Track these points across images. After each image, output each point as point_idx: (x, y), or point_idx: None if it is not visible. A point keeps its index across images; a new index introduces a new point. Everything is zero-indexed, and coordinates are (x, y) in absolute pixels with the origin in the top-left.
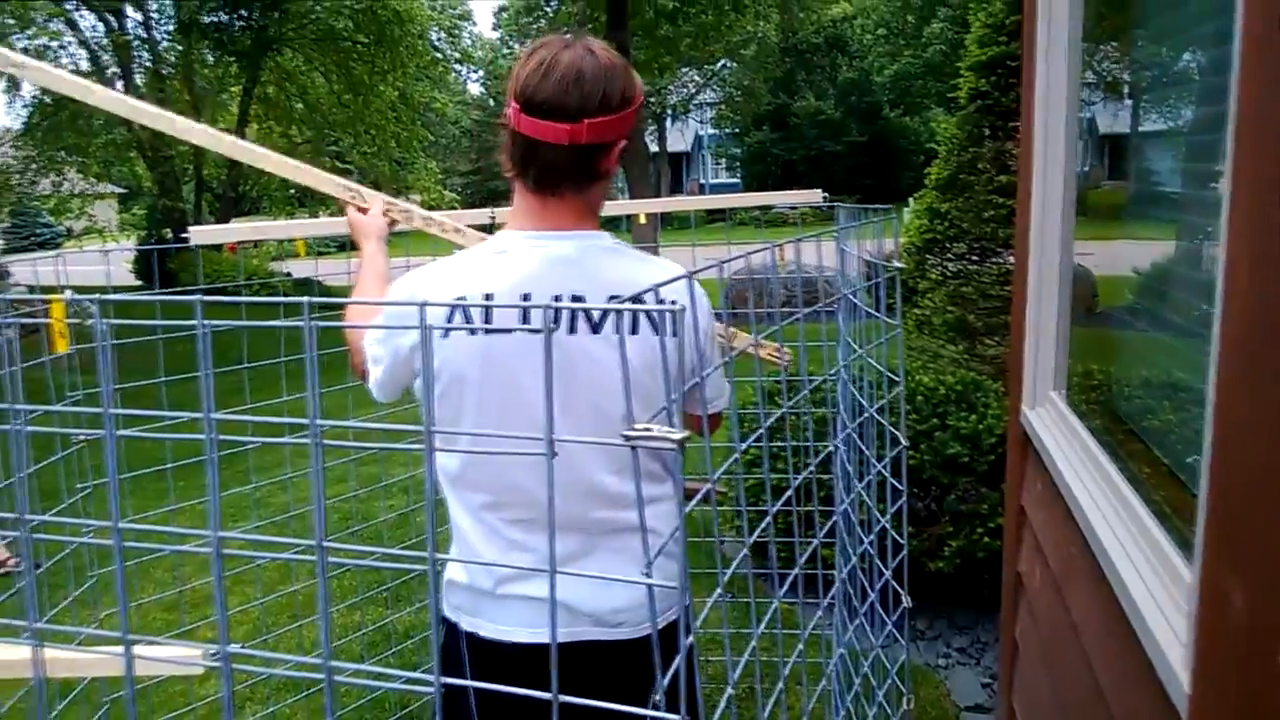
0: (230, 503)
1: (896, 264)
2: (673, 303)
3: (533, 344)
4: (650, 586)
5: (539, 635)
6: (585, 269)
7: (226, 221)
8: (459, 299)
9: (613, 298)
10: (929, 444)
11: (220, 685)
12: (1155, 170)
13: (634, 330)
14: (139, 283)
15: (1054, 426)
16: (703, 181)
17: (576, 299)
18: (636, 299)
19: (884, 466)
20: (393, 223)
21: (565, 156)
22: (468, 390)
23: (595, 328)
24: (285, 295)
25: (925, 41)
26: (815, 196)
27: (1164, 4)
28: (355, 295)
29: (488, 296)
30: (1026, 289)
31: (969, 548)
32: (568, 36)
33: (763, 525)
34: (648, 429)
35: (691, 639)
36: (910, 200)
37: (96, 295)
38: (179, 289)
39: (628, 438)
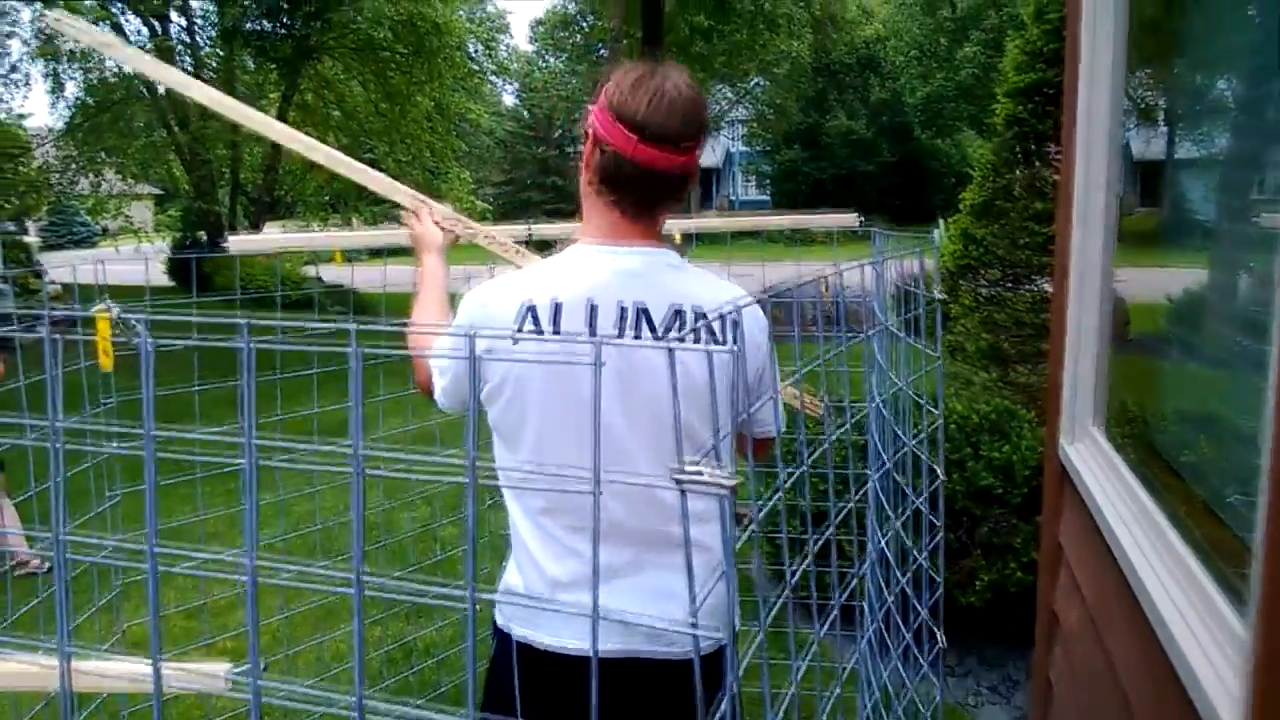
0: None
1: (937, 293)
2: (732, 316)
3: (601, 355)
4: (695, 609)
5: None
6: (650, 282)
7: (260, 225)
8: (530, 308)
9: (676, 310)
10: (961, 474)
11: (236, 700)
12: (1193, 197)
13: (694, 339)
14: (172, 283)
15: (1093, 462)
16: (732, 198)
17: (640, 310)
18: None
19: (921, 500)
20: (454, 238)
21: (672, 182)
22: (531, 394)
23: (658, 337)
24: (318, 302)
25: (958, 64)
26: (851, 219)
27: (1206, 33)
28: (416, 308)
29: (555, 304)
30: (1065, 321)
31: (1001, 581)
32: (655, 65)
33: (808, 556)
34: (698, 470)
35: (735, 677)
36: (940, 220)
37: (141, 313)
38: (216, 293)
39: (678, 480)
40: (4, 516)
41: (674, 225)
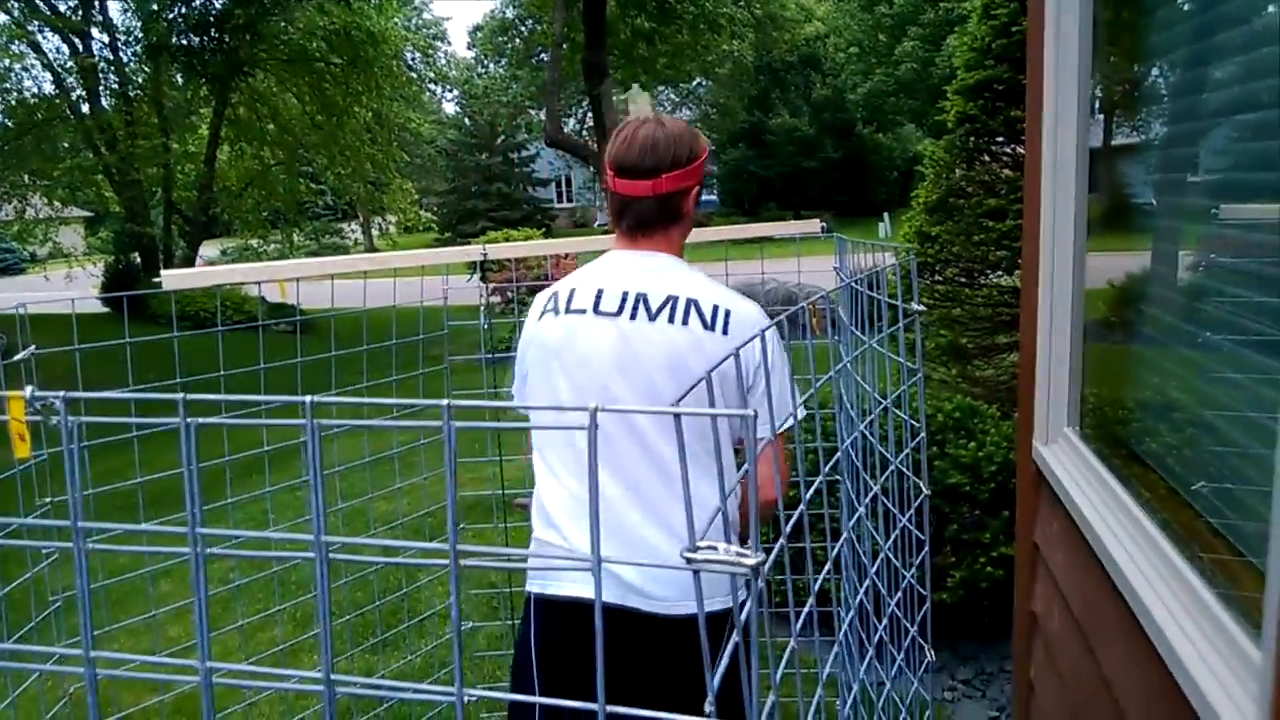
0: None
1: (916, 305)
2: (724, 307)
3: (602, 326)
4: (697, 572)
5: (586, 590)
6: (653, 276)
7: (197, 245)
8: (554, 294)
9: (671, 297)
10: (928, 472)
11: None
12: (1161, 184)
13: (684, 321)
14: (106, 309)
15: (1071, 466)
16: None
17: (640, 295)
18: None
19: (908, 519)
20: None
21: (651, 205)
22: (550, 360)
23: (651, 316)
24: (263, 324)
25: (897, 60)
26: (814, 227)
27: (1173, 20)
28: None
29: (571, 290)
30: (1037, 320)
31: (972, 578)
32: (647, 119)
33: (770, 559)
34: (713, 547)
35: (737, 638)
36: (885, 215)
37: (62, 392)
38: (152, 321)
39: (689, 559)
40: None
41: None
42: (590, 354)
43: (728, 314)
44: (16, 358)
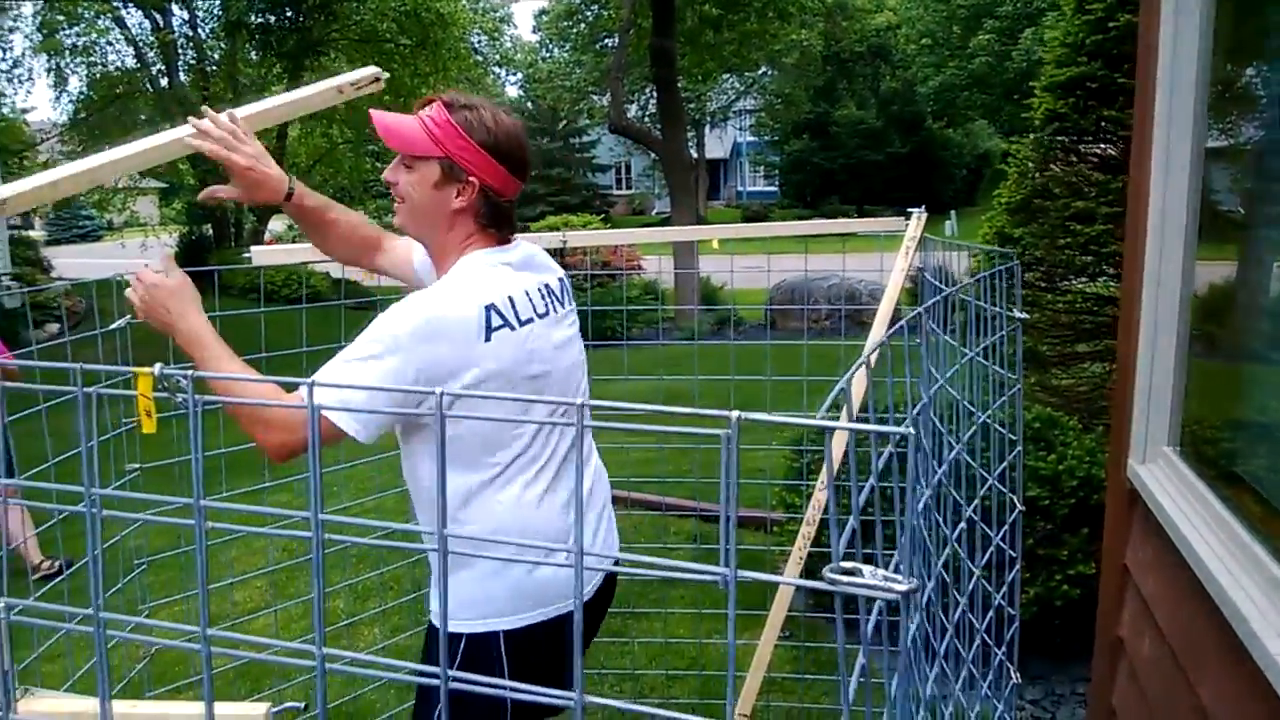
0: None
1: (1018, 313)
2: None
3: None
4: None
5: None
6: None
7: (267, 220)
8: (487, 306)
9: (560, 279)
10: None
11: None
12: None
13: (573, 302)
14: None
15: (1171, 487)
16: (739, 189)
17: (544, 287)
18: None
19: (1000, 537)
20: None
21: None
22: (527, 382)
23: (562, 304)
24: (324, 296)
25: (971, 53)
26: (898, 224)
27: None
28: (210, 365)
29: (509, 298)
30: (1137, 331)
31: (1046, 595)
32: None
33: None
34: (858, 569)
35: None
36: (952, 213)
37: (189, 370)
38: (230, 296)
39: (832, 581)
40: (9, 520)
41: (711, 232)
42: (564, 363)
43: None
44: (112, 326)
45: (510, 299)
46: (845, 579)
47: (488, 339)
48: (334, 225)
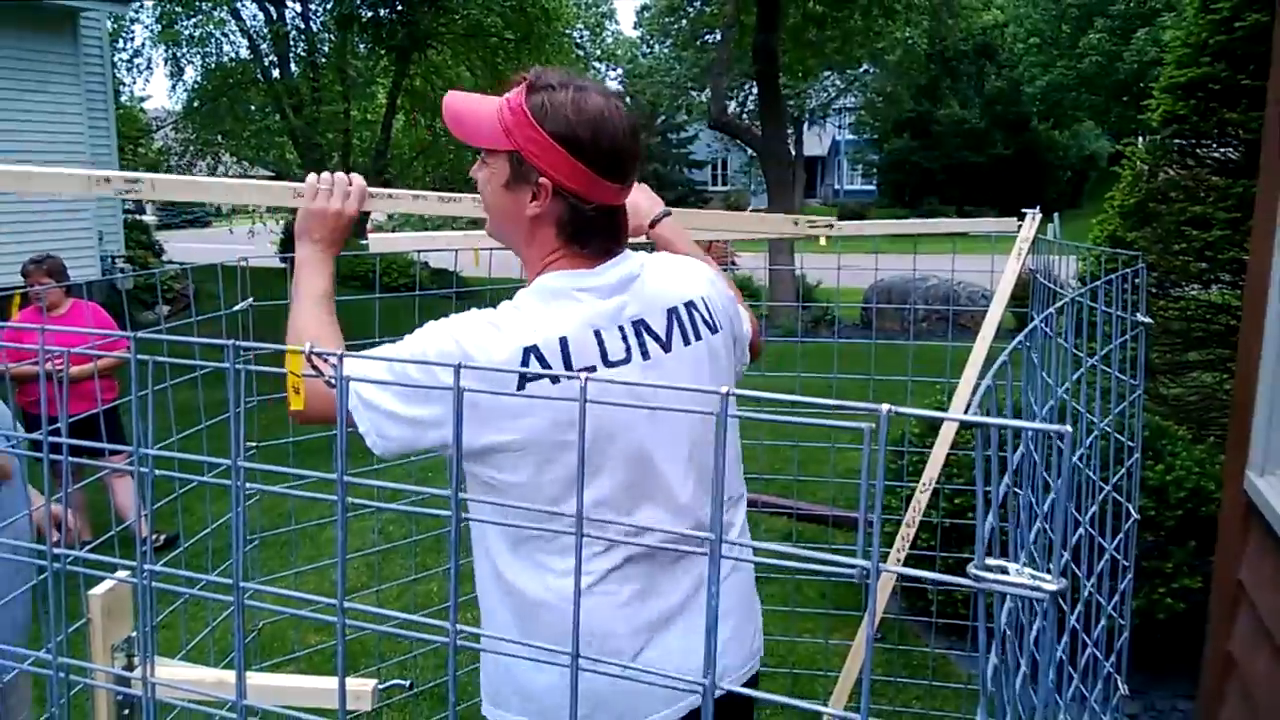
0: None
1: (1141, 316)
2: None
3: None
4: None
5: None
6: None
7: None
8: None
9: (670, 310)
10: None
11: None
12: None
13: (698, 337)
14: (283, 265)
15: None
16: (836, 187)
17: (638, 323)
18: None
19: (1115, 546)
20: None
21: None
22: (572, 450)
23: (665, 346)
24: (422, 286)
25: (1081, 52)
26: (1010, 225)
27: None
28: (301, 318)
29: (562, 339)
30: (1261, 340)
31: (1149, 608)
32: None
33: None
34: (1003, 567)
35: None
36: (1055, 216)
37: (339, 350)
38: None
39: (977, 577)
40: (118, 493)
41: (825, 228)
42: (639, 436)
43: (704, 301)
44: (236, 308)
45: (564, 340)
46: (991, 576)
47: (521, 387)
48: None
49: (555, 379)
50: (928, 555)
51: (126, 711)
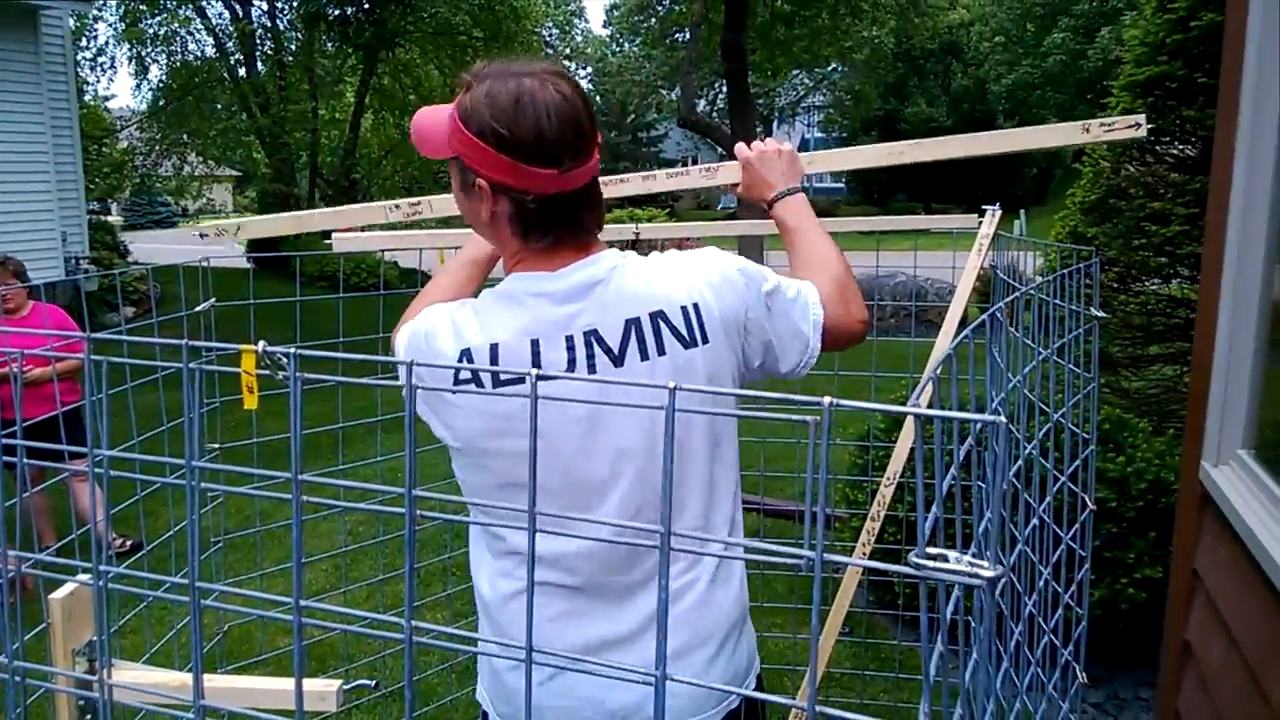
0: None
1: (1096, 310)
2: (695, 305)
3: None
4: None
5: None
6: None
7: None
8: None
9: (630, 321)
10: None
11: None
12: None
13: (661, 352)
14: (249, 265)
15: (1246, 490)
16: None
17: (590, 333)
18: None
19: (1071, 537)
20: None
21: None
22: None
23: (617, 361)
24: (390, 285)
25: (1045, 51)
26: (971, 222)
27: None
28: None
29: (492, 346)
30: (1215, 333)
31: (1110, 597)
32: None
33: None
34: (943, 555)
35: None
36: (1021, 213)
37: (292, 348)
38: (302, 281)
39: (918, 566)
40: (80, 497)
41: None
42: (556, 445)
43: (696, 309)
44: (198, 308)
45: (494, 347)
46: (931, 564)
47: (454, 392)
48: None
49: (481, 385)
50: (894, 549)
51: (89, 717)
